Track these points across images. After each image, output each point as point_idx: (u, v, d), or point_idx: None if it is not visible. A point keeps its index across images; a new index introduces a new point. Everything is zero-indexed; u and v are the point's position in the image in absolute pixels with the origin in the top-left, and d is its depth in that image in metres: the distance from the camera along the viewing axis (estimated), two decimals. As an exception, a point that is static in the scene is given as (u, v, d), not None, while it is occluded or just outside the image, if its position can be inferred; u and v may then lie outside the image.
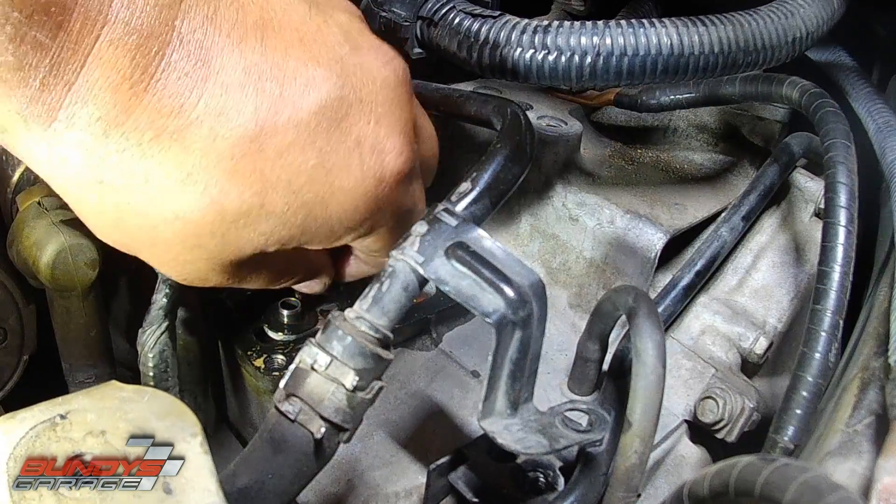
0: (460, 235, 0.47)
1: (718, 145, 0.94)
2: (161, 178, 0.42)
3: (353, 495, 0.59)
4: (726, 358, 0.75)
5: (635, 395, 0.50)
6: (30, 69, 0.38)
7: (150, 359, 0.64)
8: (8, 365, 0.84)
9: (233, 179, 0.43)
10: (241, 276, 0.51)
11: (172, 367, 0.65)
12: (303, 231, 0.48)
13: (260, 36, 0.43)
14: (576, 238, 0.78)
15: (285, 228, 0.47)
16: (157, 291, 0.64)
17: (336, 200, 0.47)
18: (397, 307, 0.47)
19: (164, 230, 0.44)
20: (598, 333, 0.63)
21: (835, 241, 0.62)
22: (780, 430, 0.57)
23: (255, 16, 0.44)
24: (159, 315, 0.64)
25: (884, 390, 0.48)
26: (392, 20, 0.68)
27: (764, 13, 0.64)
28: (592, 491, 0.56)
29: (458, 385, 0.68)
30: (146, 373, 0.65)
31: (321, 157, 0.45)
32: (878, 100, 0.79)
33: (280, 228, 0.47)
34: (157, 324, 0.64)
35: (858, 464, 0.44)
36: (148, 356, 0.64)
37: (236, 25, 0.43)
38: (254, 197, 0.44)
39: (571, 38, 0.60)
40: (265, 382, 0.64)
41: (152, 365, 0.64)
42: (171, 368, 0.65)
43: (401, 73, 0.50)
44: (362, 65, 0.47)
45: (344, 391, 0.45)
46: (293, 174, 0.45)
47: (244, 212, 0.44)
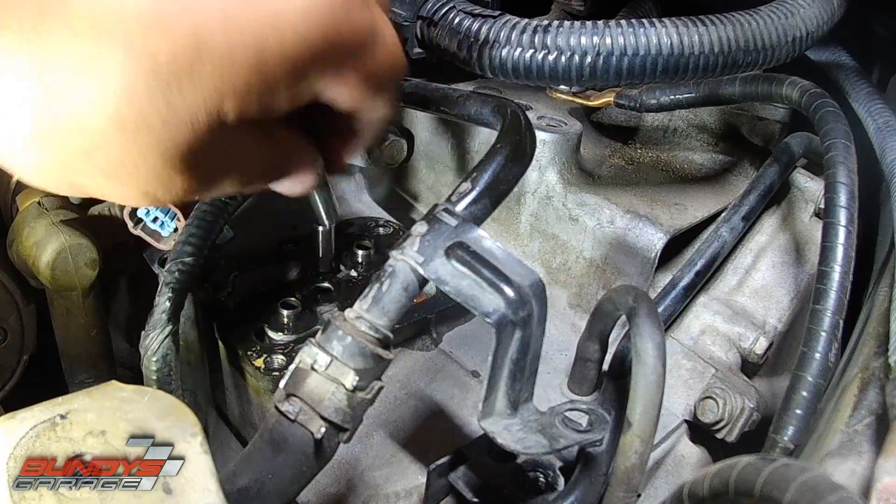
0: (460, 235, 0.47)
1: (718, 145, 0.94)
2: (64, 68, 0.35)
3: (353, 495, 0.59)
4: (726, 358, 0.75)
5: (635, 395, 0.50)
6: None
7: (153, 362, 0.64)
8: (8, 365, 0.84)
9: (154, 27, 0.35)
10: (207, 174, 0.42)
11: (176, 370, 0.65)
12: (259, 74, 0.39)
13: None
14: (576, 238, 0.78)
15: (237, 75, 0.38)
16: (159, 294, 0.64)
17: (285, 19, 0.38)
18: (397, 307, 0.47)
19: (94, 130, 0.36)
20: (598, 333, 0.63)
21: (835, 241, 0.62)
22: (780, 430, 0.57)
23: None
24: (162, 319, 0.63)
25: (884, 390, 0.48)
26: (392, 20, 0.68)
27: (764, 13, 0.64)
28: (592, 491, 0.56)
29: (458, 385, 0.68)
30: (149, 376, 0.64)
31: None
32: (878, 100, 0.79)
33: (231, 76, 0.38)
34: (161, 328, 0.63)
35: (858, 464, 0.44)
36: (151, 360, 0.64)
37: None
38: (186, 39, 0.36)
39: (571, 38, 0.60)
40: (265, 382, 0.64)
41: (155, 369, 0.64)
42: (174, 372, 0.65)
43: None
44: None
45: (344, 391, 0.45)
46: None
47: (182, 64, 0.36)
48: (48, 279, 0.76)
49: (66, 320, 0.82)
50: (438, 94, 0.67)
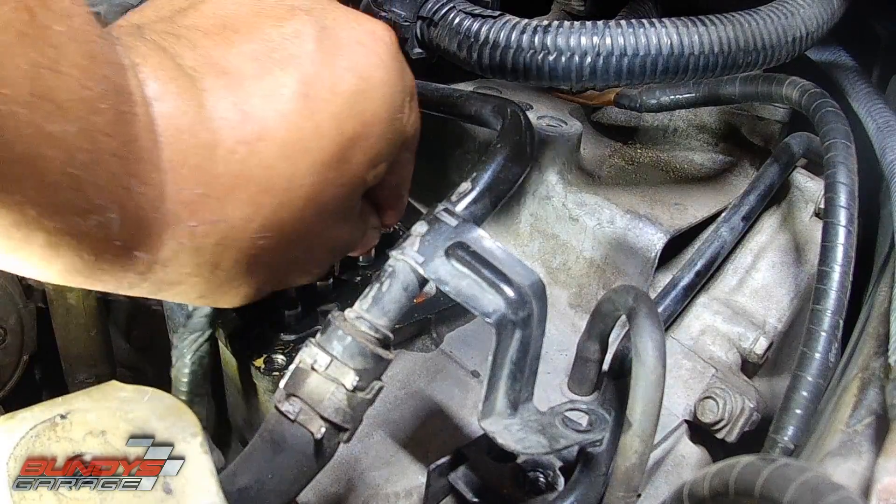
0: (460, 235, 0.47)
1: (718, 145, 0.94)
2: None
3: (353, 495, 0.59)
4: (726, 358, 0.75)
5: (635, 395, 0.50)
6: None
7: (187, 365, 0.62)
8: (8, 365, 0.84)
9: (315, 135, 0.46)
10: (356, 216, 0.55)
11: (208, 375, 0.64)
12: (389, 148, 0.51)
13: (232, 37, 0.45)
14: (576, 238, 0.78)
15: (379, 154, 0.51)
16: None
17: (395, 102, 0.50)
18: (397, 307, 0.47)
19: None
20: (598, 333, 0.63)
21: (835, 241, 0.62)
22: (780, 430, 0.57)
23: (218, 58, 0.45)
24: (203, 322, 0.62)
25: (884, 390, 0.48)
26: (392, 20, 0.68)
27: (764, 13, 0.64)
28: (592, 491, 0.56)
29: (458, 385, 0.68)
30: (180, 378, 0.63)
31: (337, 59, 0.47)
32: (878, 100, 0.79)
33: (376, 155, 0.50)
34: (200, 331, 0.62)
35: (858, 464, 0.44)
36: (185, 362, 0.62)
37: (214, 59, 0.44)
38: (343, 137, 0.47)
39: (571, 38, 0.60)
40: (265, 382, 0.64)
41: (189, 371, 0.62)
42: (206, 376, 0.64)
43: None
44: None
45: (344, 391, 0.45)
46: (341, 80, 0.47)
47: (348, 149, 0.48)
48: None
49: (66, 320, 0.82)
50: (438, 94, 0.67)
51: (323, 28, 0.48)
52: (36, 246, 0.36)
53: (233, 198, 0.43)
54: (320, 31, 0.47)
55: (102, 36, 0.37)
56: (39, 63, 0.32)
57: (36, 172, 0.33)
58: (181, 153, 0.41)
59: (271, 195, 0.45)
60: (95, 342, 0.85)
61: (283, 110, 0.44)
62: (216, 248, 0.44)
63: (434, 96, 0.68)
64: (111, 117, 0.36)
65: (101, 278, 0.41)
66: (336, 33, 0.48)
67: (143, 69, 0.40)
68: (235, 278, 0.47)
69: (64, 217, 0.36)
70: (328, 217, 0.50)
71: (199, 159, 0.41)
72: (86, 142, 0.35)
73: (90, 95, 0.35)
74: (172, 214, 0.41)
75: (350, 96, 0.47)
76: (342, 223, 0.54)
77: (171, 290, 0.45)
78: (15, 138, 0.32)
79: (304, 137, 0.45)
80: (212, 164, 0.42)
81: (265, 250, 0.47)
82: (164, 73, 0.41)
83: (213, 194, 0.42)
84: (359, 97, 0.48)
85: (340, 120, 0.47)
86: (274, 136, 0.44)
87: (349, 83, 0.47)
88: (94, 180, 0.36)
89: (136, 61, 0.40)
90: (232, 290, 0.48)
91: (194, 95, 0.41)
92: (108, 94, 0.36)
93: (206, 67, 0.43)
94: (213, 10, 0.47)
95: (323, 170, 0.46)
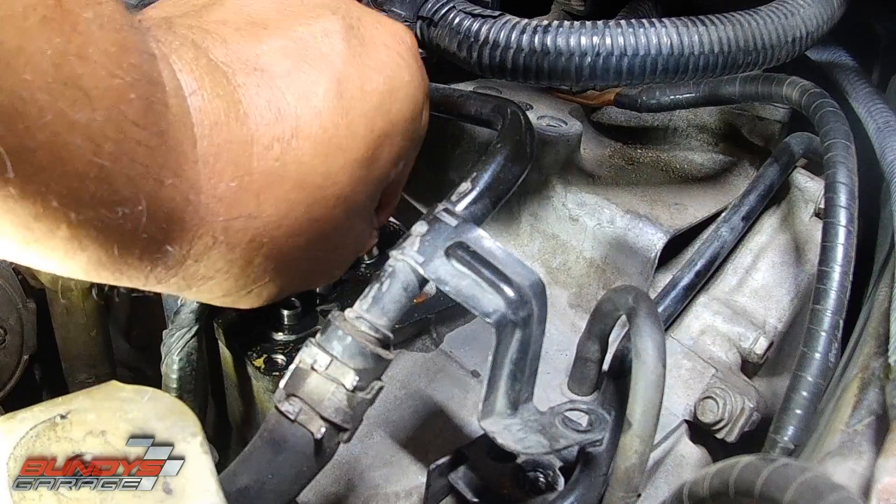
0: (460, 235, 0.47)
1: (718, 145, 0.94)
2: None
3: (353, 495, 0.59)
4: (726, 358, 0.75)
5: (635, 395, 0.50)
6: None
7: (175, 361, 0.63)
8: (8, 365, 0.84)
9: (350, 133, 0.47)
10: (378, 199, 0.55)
11: (198, 370, 0.65)
12: (414, 130, 0.53)
13: (261, 34, 0.45)
14: (576, 238, 0.78)
15: (406, 149, 0.53)
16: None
17: (417, 104, 0.52)
18: (397, 307, 0.47)
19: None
20: (598, 333, 0.63)
21: (835, 241, 0.62)
22: (780, 430, 0.57)
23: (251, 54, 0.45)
24: (190, 318, 0.63)
25: (884, 390, 0.48)
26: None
27: (764, 13, 0.64)
28: (592, 491, 0.56)
29: (458, 385, 0.68)
30: (169, 375, 0.63)
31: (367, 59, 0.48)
32: (878, 100, 0.79)
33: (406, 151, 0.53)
34: (188, 326, 0.62)
35: (858, 464, 0.43)
36: (174, 358, 0.63)
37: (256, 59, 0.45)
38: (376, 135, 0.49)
39: (571, 38, 0.60)
40: (265, 382, 0.64)
41: (177, 367, 0.63)
42: (196, 371, 0.64)
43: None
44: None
45: (344, 391, 0.45)
46: (373, 76, 0.48)
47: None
48: (48, 279, 0.76)
49: (66, 320, 0.82)
50: (438, 94, 0.67)
51: (350, 27, 0.48)
52: (58, 238, 0.35)
53: (268, 194, 0.43)
54: (348, 31, 0.48)
55: (132, 25, 0.36)
56: (65, 49, 0.31)
57: (59, 161, 0.32)
58: (216, 147, 0.40)
59: (305, 193, 0.45)
60: (95, 342, 0.85)
61: (318, 108, 0.44)
62: (250, 245, 0.44)
63: (434, 96, 0.68)
64: (141, 107, 0.35)
65: (126, 272, 0.40)
66: (362, 33, 0.49)
67: (177, 62, 0.39)
68: (263, 277, 0.47)
69: (89, 208, 0.34)
70: (355, 216, 0.50)
71: (235, 154, 0.41)
72: (113, 131, 0.34)
73: (119, 84, 0.34)
74: (207, 208, 0.41)
75: (379, 96, 0.48)
76: (363, 222, 0.54)
77: (197, 287, 0.45)
78: (37, 125, 0.31)
79: (338, 135, 0.45)
80: (247, 160, 0.41)
81: (296, 249, 0.47)
82: (199, 67, 0.40)
83: (249, 189, 0.42)
84: (386, 97, 0.48)
85: (371, 118, 0.47)
86: (308, 133, 0.44)
87: (377, 82, 0.48)
88: (122, 171, 0.35)
89: (168, 53, 0.39)
90: (257, 289, 0.48)
91: (229, 91, 0.41)
92: (139, 83, 0.35)
93: (238, 63, 0.42)
94: (238, 6, 0.46)
95: (355, 168, 0.47)
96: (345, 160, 0.46)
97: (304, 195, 0.45)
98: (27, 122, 0.30)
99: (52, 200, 0.33)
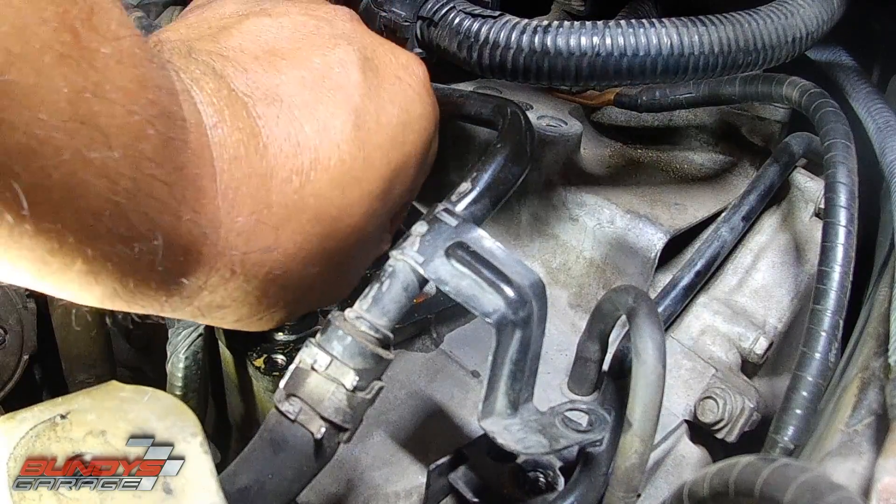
0: (460, 235, 0.47)
1: (718, 145, 0.94)
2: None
3: (353, 495, 0.59)
4: (726, 358, 0.75)
5: (635, 395, 0.50)
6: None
7: (181, 360, 0.63)
8: (8, 365, 0.84)
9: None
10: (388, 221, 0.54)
11: (203, 369, 0.65)
12: (426, 161, 0.53)
13: (279, 64, 0.45)
14: (576, 238, 0.78)
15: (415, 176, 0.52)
16: None
17: (430, 123, 0.52)
18: (397, 307, 0.47)
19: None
20: (598, 333, 0.63)
21: (835, 241, 0.62)
22: (780, 430, 0.57)
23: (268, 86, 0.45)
24: None
25: (884, 390, 0.48)
26: (392, 20, 0.68)
27: (764, 13, 0.64)
28: (592, 491, 0.56)
29: (458, 385, 0.68)
30: (175, 374, 0.63)
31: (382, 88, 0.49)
32: (878, 100, 0.79)
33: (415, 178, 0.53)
34: (194, 326, 0.62)
35: (858, 464, 0.44)
36: (180, 357, 0.63)
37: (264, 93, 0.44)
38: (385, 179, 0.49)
39: (571, 39, 0.60)
40: (265, 382, 0.64)
41: (183, 367, 0.63)
42: (201, 370, 0.65)
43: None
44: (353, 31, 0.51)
45: (344, 391, 0.45)
46: (387, 108, 0.48)
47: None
48: (48, 279, 0.76)
49: (66, 320, 0.82)
50: (438, 94, 0.67)
51: (366, 59, 0.48)
52: (74, 272, 0.34)
53: (286, 227, 0.43)
54: (364, 62, 0.47)
55: (152, 59, 0.36)
56: (82, 87, 0.30)
57: (76, 200, 0.32)
58: (236, 181, 0.40)
59: (322, 225, 0.44)
60: (95, 342, 0.85)
61: (336, 140, 0.44)
62: (266, 276, 0.44)
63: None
64: (158, 143, 0.35)
65: (141, 302, 0.40)
66: (376, 64, 0.49)
67: (199, 93, 0.39)
68: (277, 304, 0.47)
69: (105, 244, 0.34)
70: (368, 244, 0.51)
71: (254, 188, 0.41)
72: (130, 169, 0.33)
73: (136, 121, 0.33)
74: (225, 241, 0.40)
75: (394, 128, 0.48)
76: (375, 248, 0.55)
77: (212, 315, 0.45)
78: (53, 164, 0.30)
79: (355, 168, 0.45)
80: (266, 194, 0.41)
81: (310, 277, 0.47)
82: (220, 98, 0.40)
83: (268, 222, 0.42)
84: (400, 129, 0.48)
85: (386, 151, 0.47)
86: (327, 165, 0.43)
87: (392, 115, 0.48)
88: (138, 207, 0.34)
89: (189, 84, 0.39)
90: (269, 314, 0.48)
91: (249, 124, 0.41)
92: (157, 119, 0.34)
93: (258, 93, 0.42)
94: (256, 33, 0.46)
95: (371, 200, 0.47)
96: (361, 192, 0.46)
97: (321, 228, 0.45)
98: (42, 161, 0.30)
99: (67, 237, 0.33)
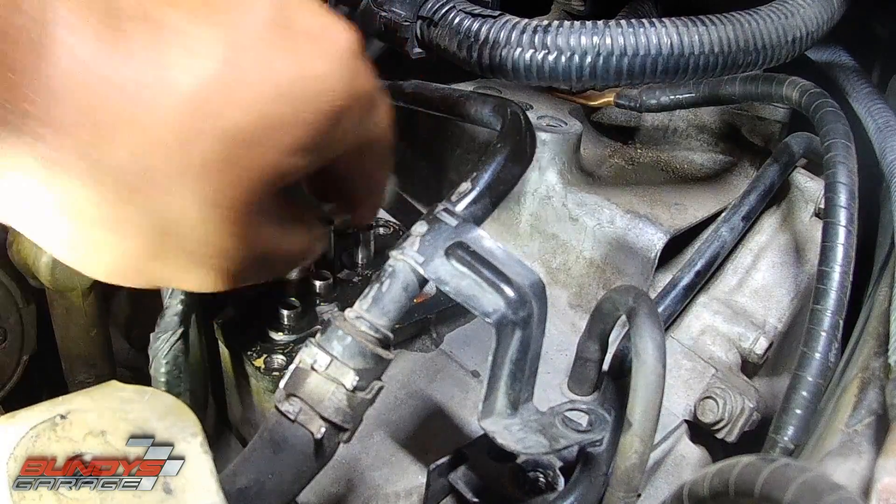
0: (460, 235, 0.47)
1: (718, 145, 0.94)
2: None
3: (353, 495, 0.59)
4: (726, 358, 0.75)
5: (635, 395, 0.50)
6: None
7: (163, 364, 0.63)
8: (8, 365, 0.84)
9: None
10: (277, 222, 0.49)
11: (185, 373, 0.65)
12: (317, 133, 0.46)
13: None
14: (576, 238, 0.78)
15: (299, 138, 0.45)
16: (170, 297, 0.63)
17: (329, 82, 0.46)
18: (397, 307, 0.47)
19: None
20: (598, 333, 0.63)
21: (835, 241, 0.62)
22: (780, 430, 0.57)
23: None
24: (174, 321, 0.63)
25: (884, 390, 0.48)
26: (392, 20, 0.68)
27: (764, 13, 0.64)
28: (592, 491, 0.56)
29: (458, 385, 0.68)
30: (157, 378, 0.64)
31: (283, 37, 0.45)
32: (878, 100, 0.79)
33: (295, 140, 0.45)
34: (172, 330, 0.62)
35: (858, 464, 0.44)
36: (161, 362, 0.63)
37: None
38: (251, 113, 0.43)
39: (571, 38, 0.60)
40: (265, 382, 0.64)
41: (165, 371, 0.63)
42: (183, 374, 0.64)
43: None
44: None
45: (344, 391, 0.45)
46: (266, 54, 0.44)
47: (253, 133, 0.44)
48: (48, 279, 0.76)
49: (66, 320, 0.82)
50: (438, 94, 0.67)
51: (280, 9, 0.46)
52: None
53: (114, 136, 0.41)
54: (277, 12, 0.45)
55: None
56: None
57: None
58: (73, 84, 0.39)
59: (163, 147, 0.42)
60: (95, 342, 0.85)
61: (201, 70, 0.42)
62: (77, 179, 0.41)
63: (434, 96, 0.68)
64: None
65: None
66: (290, 17, 0.46)
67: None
68: (108, 225, 0.43)
69: None
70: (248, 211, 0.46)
71: (96, 94, 0.39)
72: None
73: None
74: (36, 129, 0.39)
75: (280, 78, 0.45)
76: (274, 224, 0.50)
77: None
78: None
79: (216, 100, 0.43)
80: (105, 102, 0.40)
81: (142, 194, 0.43)
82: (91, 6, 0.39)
83: (101, 129, 0.40)
84: (291, 86, 0.45)
85: (261, 100, 0.44)
86: (179, 90, 0.42)
87: (283, 65, 0.45)
88: None
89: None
90: (103, 247, 0.44)
91: (112, 35, 0.40)
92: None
93: (134, 9, 0.41)
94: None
95: (227, 141, 0.44)
96: (213, 127, 0.43)
97: (164, 149, 0.42)
98: None
99: None
